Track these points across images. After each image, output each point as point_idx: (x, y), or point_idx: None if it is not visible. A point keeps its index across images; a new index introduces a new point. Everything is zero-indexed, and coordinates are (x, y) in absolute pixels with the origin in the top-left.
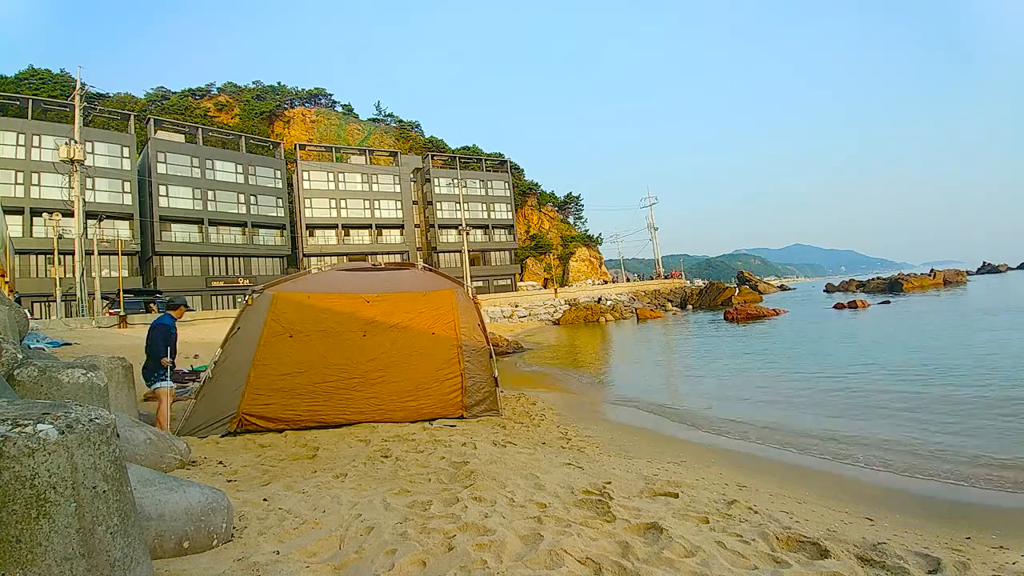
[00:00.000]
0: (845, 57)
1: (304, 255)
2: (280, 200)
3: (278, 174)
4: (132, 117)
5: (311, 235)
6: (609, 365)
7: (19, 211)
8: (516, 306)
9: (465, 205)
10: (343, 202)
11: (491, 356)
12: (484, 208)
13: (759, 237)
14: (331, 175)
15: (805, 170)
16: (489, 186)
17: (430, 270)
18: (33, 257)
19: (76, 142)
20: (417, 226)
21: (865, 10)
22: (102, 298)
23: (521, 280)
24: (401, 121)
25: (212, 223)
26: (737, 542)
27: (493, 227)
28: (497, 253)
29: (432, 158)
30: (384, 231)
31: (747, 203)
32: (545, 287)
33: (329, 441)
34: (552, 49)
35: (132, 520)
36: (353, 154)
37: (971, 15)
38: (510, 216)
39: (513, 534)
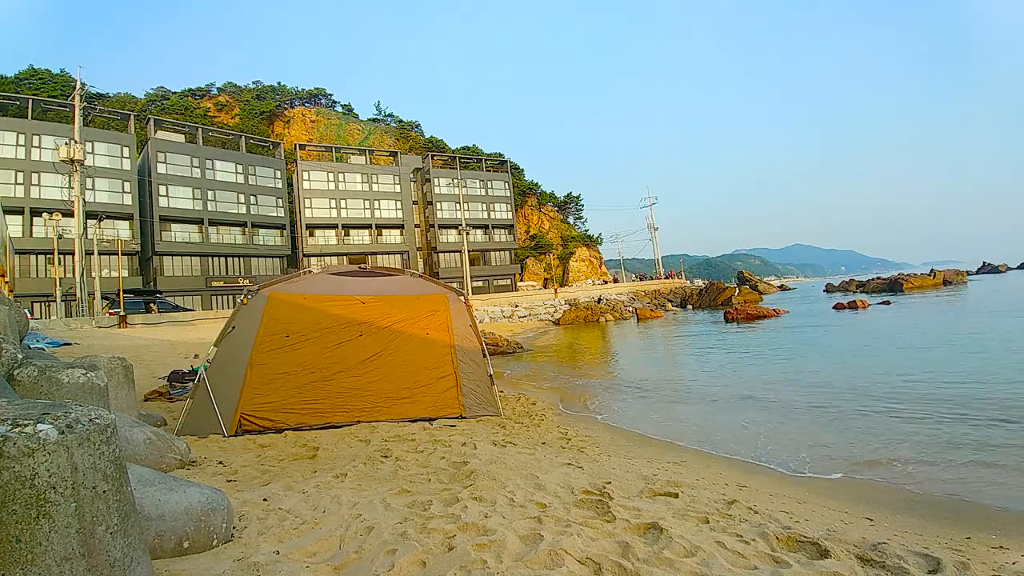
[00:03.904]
0: (846, 58)
1: (304, 255)
2: (280, 200)
3: (278, 174)
4: (132, 117)
5: (311, 235)
6: (609, 365)
7: (19, 211)
8: (516, 306)
9: (465, 205)
10: (343, 202)
11: (485, 356)
12: (484, 208)
13: (759, 237)
14: (331, 175)
15: (805, 170)
16: (489, 186)
17: (421, 276)
18: (33, 257)
19: (76, 142)
20: (417, 226)
21: (867, 12)
22: (102, 298)
23: (521, 280)
24: (401, 121)
25: (212, 223)
26: (737, 542)
27: (493, 227)
28: (497, 253)
29: (432, 158)
30: (384, 231)
31: (747, 203)
32: (545, 287)
33: (329, 441)
34: (553, 50)
35: (132, 520)
36: (353, 154)
37: (973, 15)
38: (510, 216)
39: (513, 534)
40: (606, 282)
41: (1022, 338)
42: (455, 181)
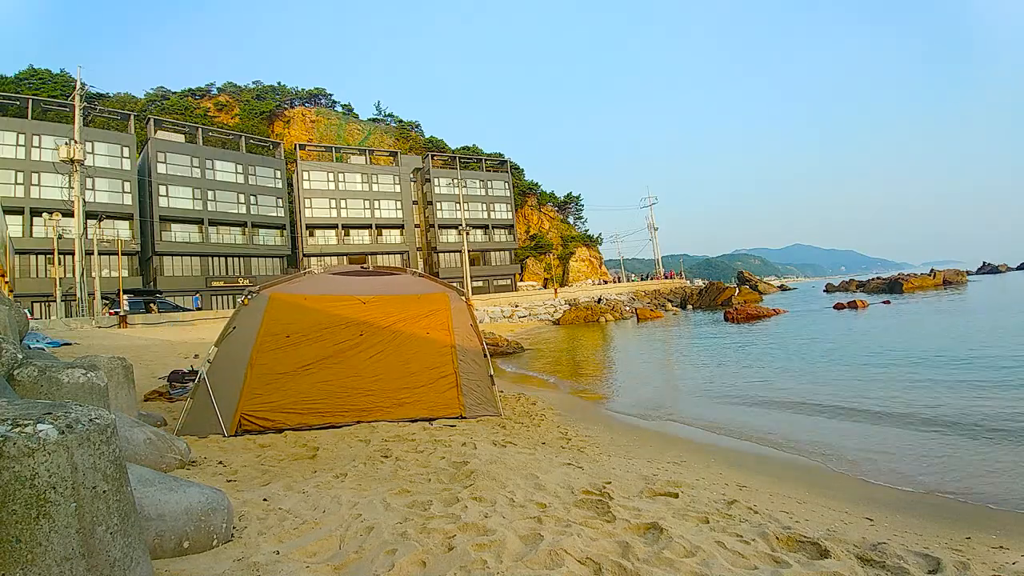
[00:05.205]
0: (846, 58)
1: (304, 255)
2: (280, 200)
3: (278, 174)
4: (132, 117)
5: (311, 235)
6: (610, 365)
7: (19, 211)
8: (516, 306)
9: (465, 205)
10: (343, 202)
11: (486, 356)
12: (484, 208)
13: (759, 237)
14: (331, 175)
15: (805, 170)
16: (489, 186)
17: (422, 275)
18: (33, 257)
19: (76, 142)
20: (417, 226)
21: (867, 12)
22: (102, 298)
23: (521, 280)
24: (401, 121)
25: (212, 223)
26: (737, 542)
27: (493, 227)
28: (497, 253)
29: (432, 158)
30: (384, 231)
31: (747, 203)
32: (545, 287)
33: (329, 441)
34: (553, 50)
35: (132, 520)
36: (353, 154)
37: (973, 15)
38: (510, 216)
39: (513, 534)
40: (606, 282)
41: None
42: (455, 181)
